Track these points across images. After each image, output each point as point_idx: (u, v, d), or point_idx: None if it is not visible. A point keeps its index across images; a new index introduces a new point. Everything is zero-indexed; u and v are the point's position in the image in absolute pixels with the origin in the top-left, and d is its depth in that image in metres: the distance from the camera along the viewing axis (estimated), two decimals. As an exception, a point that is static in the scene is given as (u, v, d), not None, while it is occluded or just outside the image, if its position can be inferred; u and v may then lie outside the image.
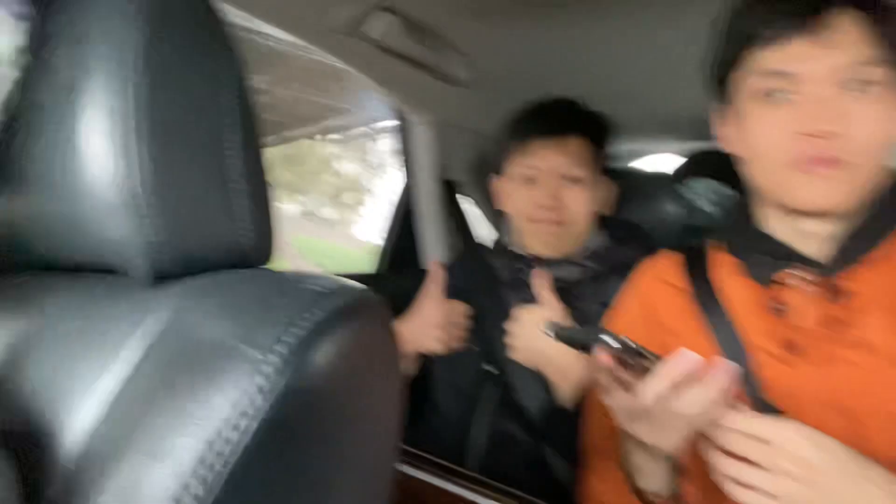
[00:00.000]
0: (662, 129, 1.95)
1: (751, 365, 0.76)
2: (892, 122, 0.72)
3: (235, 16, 1.01)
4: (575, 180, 1.26)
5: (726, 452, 0.62)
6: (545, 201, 1.24)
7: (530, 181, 1.27)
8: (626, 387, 0.66)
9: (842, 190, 0.72)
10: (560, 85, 1.37)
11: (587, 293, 1.24)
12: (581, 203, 1.26)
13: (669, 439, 0.65)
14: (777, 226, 0.81)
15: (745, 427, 0.61)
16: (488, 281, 1.33)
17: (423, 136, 1.58)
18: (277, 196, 0.53)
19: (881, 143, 0.71)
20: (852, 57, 0.69)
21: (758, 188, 0.81)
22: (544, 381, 1.19)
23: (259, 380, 0.35)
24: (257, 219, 0.48)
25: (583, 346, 0.67)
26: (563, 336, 0.67)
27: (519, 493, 0.90)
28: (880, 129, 0.71)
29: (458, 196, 1.62)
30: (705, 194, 1.59)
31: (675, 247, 1.01)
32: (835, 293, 0.74)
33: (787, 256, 0.79)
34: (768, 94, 0.74)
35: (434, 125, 1.56)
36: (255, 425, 0.34)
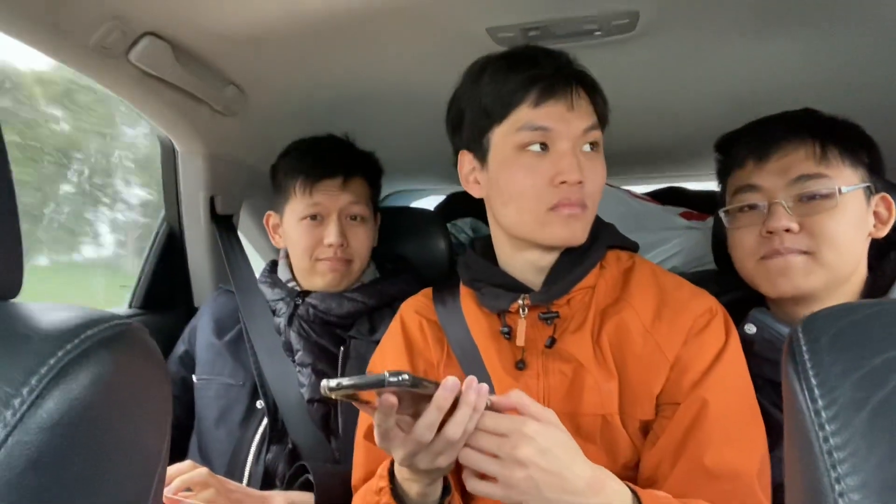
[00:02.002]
0: (430, 171, 2.10)
1: (489, 382, 0.89)
2: (604, 175, 0.93)
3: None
4: (358, 218, 1.31)
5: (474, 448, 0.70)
6: (333, 239, 1.26)
7: (314, 219, 1.29)
8: (403, 428, 0.70)
9: (584, 228, 0.91)
10: (333, 122, 1.42)
11: (362, 330, 1.28)
12: (364, 240, 1.32)
13: (446, 459, 0.71)
14: (511, 260, 0.97)
15: (488, 424, 0.69)
16: (263, 316, 1.31)
17: (191, 167, 1.52)
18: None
19: (601, 190, 0.93)
20: (588, 122, 0.89)
21: (510, 227, 0.94)
22: (312, 418, 1.20)
23: (7, 414, 0.32)
24: None
25: (356, 397, 0.66)
26: (347, 387, 0.62)
27: None
28: (601, 179, 0.92)
29: (230, 230, 1.57)
30: (466, 230, 1.75)
31: (441, 279, 1.10)
32: (547, 317, 0.91)
33: (514, 288, 0.94)
34: (529, 146, 0.88)
35: (205, 157, 1.51)
36: None
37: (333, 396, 0.64)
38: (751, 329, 1.00)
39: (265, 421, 1.22)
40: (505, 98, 0.89)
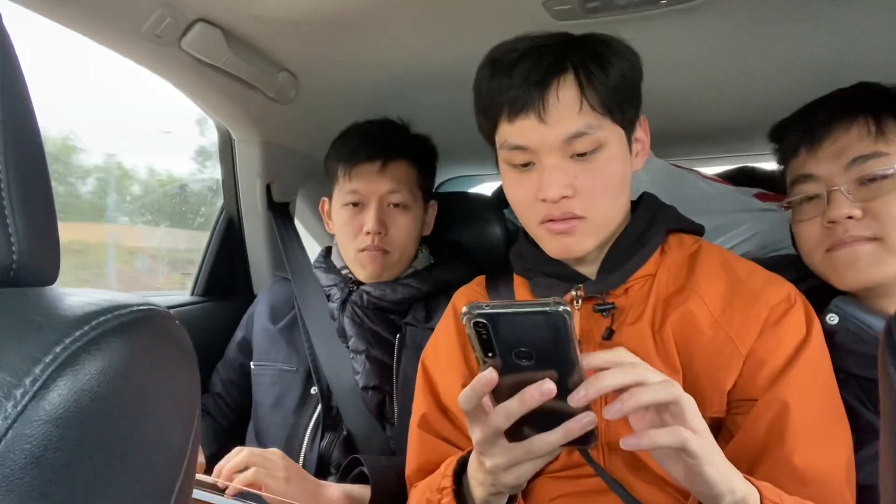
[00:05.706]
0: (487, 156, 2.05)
1: None
2: (617, 170, 0.83)
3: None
4: (400, 206, 1.27)
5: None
6: (370, 226, 1.23)
7: (355, 206, 1.27)
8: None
9: (583, 239, 0.83)
10: (386, 107, 1.39)
11: (418, 317, 1.25)
12: (404, 229, 1.27)
13: (527, 473, 0.66)
14: None
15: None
16: (318, 301, 1.31)
17: (247, 155, 1.53)
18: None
19: (612, 190, 0.83)
20: (570, 129, 0.79)
21: None
22: (367, 405, 1.19)
23: (8, 405, 0.31)
24: (28, 235, 0.42)
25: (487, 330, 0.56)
26: (496, 311, 0.53)
27: None
28: (606, 181, 0.82)
29: (286, 217, 1.58)
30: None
31: (497, 267, 1.06)
32: (603, 308, 0.85)
33: (568, 278, 0.89)
34: (513, 163, 0.85)
35: (261, 144, 1.51)
36: None
37: (466, 320, 0.56)
38: (833, 319, 0.92)
39: (319, 407, 1.21)
40: (489, 112, 0.85)
